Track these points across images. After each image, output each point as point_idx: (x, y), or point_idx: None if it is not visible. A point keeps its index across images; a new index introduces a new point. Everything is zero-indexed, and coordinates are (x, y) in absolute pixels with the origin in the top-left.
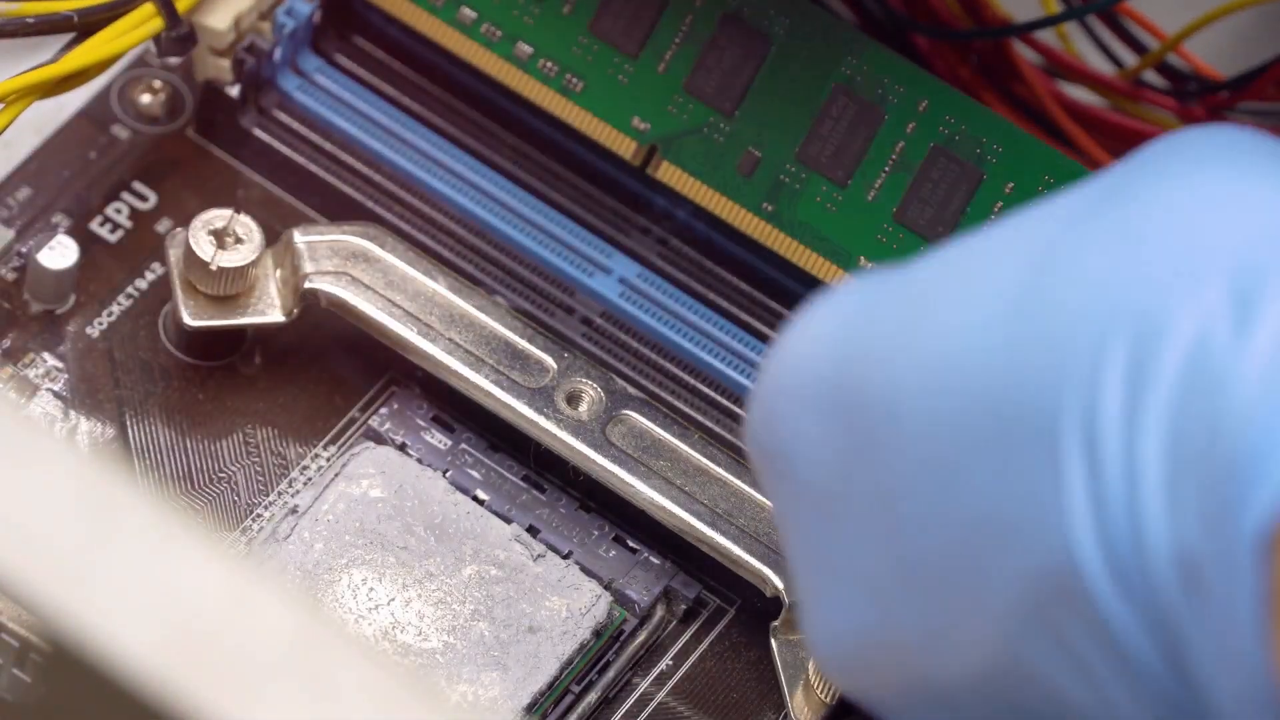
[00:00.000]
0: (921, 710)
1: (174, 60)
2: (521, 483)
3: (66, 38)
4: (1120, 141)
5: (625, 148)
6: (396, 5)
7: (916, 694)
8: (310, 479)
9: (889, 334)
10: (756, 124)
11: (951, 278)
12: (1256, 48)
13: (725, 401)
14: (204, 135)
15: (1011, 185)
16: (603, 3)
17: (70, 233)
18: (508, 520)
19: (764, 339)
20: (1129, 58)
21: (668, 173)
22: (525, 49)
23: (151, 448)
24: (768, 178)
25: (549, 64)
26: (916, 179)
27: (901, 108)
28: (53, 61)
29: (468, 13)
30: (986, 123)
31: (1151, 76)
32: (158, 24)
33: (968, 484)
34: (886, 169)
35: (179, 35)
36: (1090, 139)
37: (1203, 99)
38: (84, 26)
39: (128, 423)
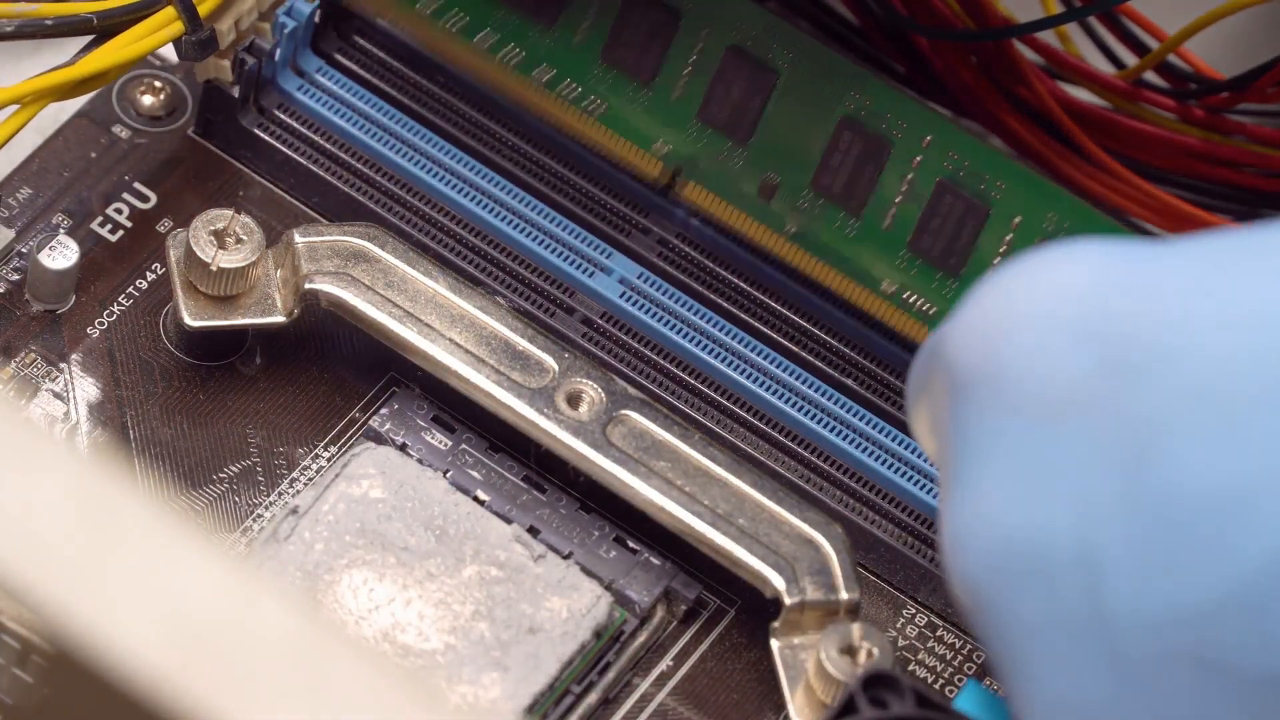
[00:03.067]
0: (1061, 620)
1: (174, 60)
2: (522, 483)
3: (84, 40)
4: (1121, 142)
5: (651, 168)
6: (416, 26)
7: (1073, 610)
8: (310, 479)
9: (1180, 289)
10: (771, 152)
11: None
12: (1256, 48)
13: (725, 402)
14: (204, 135)
15: (1018, 219)
16: (613, 33)
17: (71, 233)
18: (508, 521)
19: (764, 340)
20: (1129, 58)
21: (694, 192)
22: (547, 72)
23: (152, 448)
24: (787, 203)
25: (571, 86)
26: (925, 213)
27: (906, 143)
28: (70, 64)
29: (488, 35)
30: (988, 160)
31: (1151, 76)
32: (178, 28)
33: (1250, 443)
34: (898, 200)
35: (200, 39)
36: (1091, 139)
37: (1203, 100)
38: (104, 29)
39: (128, 423)
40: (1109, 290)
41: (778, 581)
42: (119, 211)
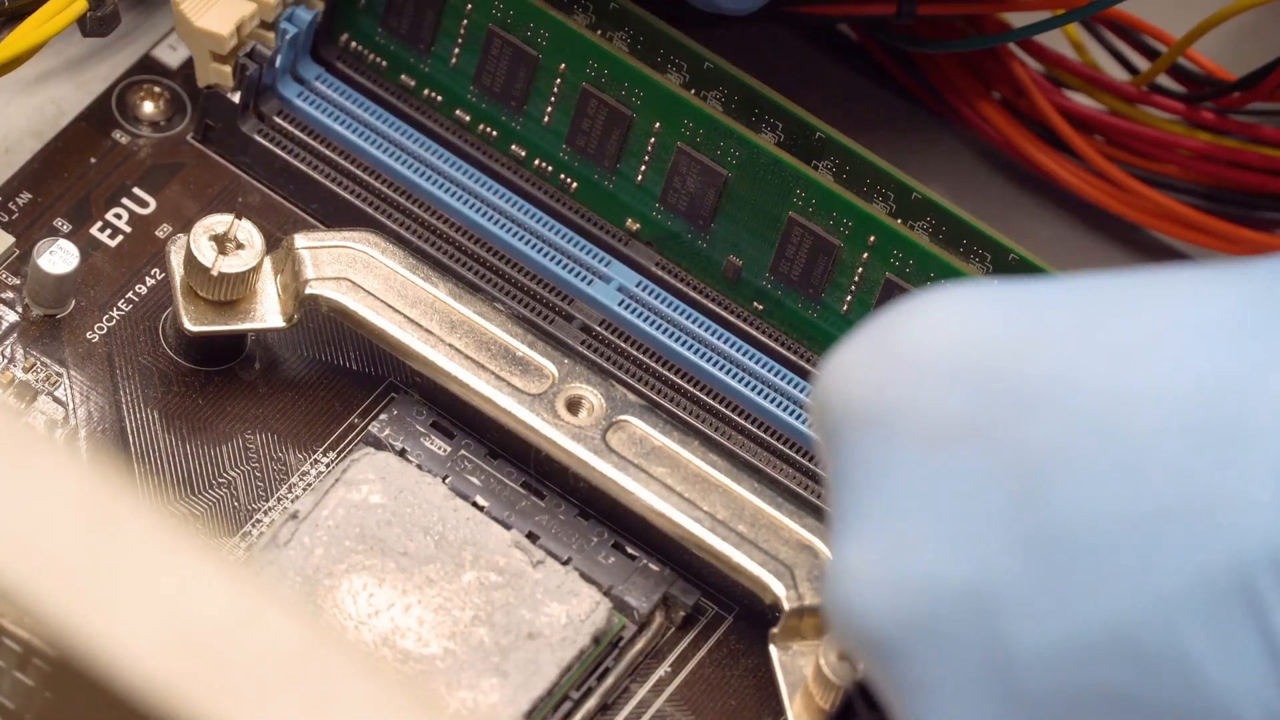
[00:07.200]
0: (959, 672)
1: (174, 67)
2: (521, 489)
3: None
4: (1130, 149)
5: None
6: (400, 98)
7: (971, 654)
8: (310, 484)
9: (1067, 323)
10: (732, 238)
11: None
12: (1255, 48)
13: (724, 409)
14: (204, 141)
15: None
16: (574, 122)
17: (71, 237)
18: (507, 526)
19: (760, 347)
20: (1139, 62)
21: (667, 264)
22: (520, 150)
23: (151, 453)
24: (752, 283)
25: (544, 164)
26: (878, 305)
27: (853, 241)
28: None
29: (462, 115)
30: (929, 260)
31: (1161, 80)
32: (82, 5)
33: (1152, 473)
34: (851, 293)
35: (102, 15)
36: (1099, 147)
37: (1215, 101)
38: (13, 11)
39: (127, 428)
40: (990, 325)
41: (777, 587)
42: (119, 216)
